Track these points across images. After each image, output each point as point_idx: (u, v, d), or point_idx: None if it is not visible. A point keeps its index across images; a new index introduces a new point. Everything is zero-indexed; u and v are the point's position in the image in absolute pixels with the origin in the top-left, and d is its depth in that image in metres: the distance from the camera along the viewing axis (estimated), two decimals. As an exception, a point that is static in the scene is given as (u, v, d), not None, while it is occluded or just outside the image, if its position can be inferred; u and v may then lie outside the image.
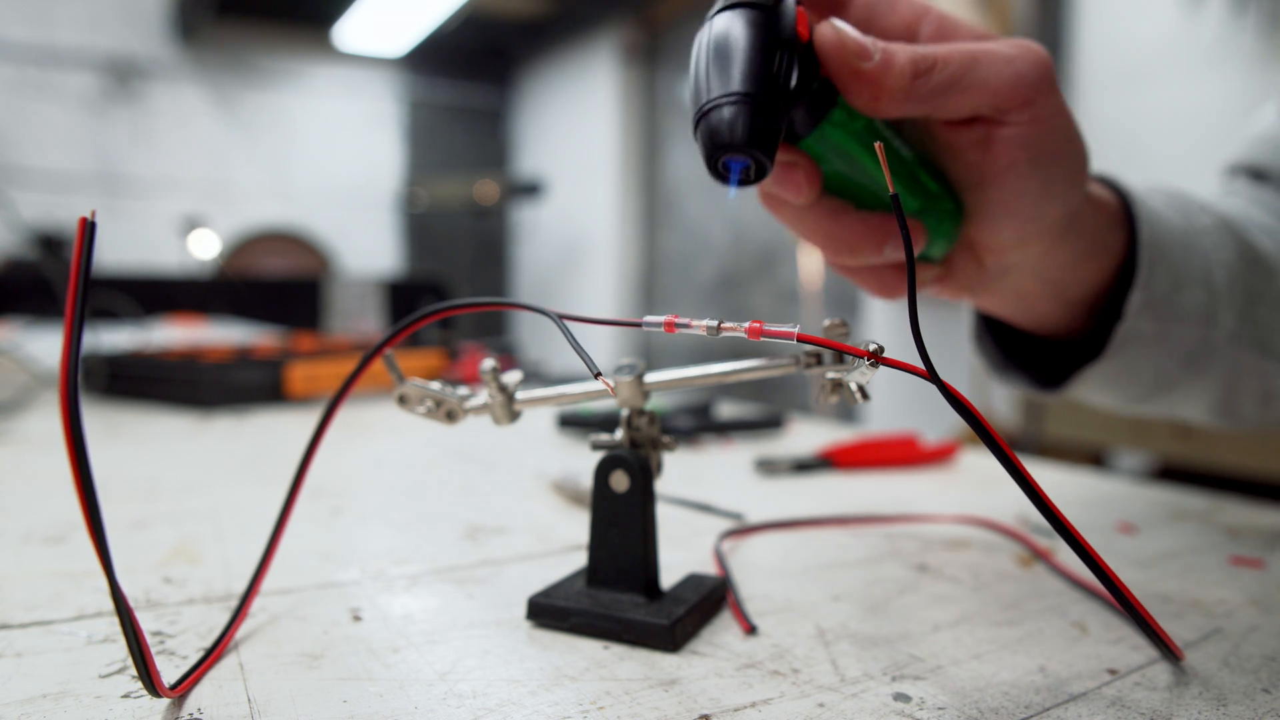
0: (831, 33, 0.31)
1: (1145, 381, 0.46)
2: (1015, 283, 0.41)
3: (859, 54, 0.31)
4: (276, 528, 0.33)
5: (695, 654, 0.30)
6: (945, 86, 0.32)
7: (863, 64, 0.31)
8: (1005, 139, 0.34)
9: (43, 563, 0.39)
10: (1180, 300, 0.43)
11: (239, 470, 0.61)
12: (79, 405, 0.20)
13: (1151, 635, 0.27)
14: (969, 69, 0.32)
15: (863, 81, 0.31)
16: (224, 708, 0.25)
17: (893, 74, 0.31)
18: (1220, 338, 0.45)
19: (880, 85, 0.31)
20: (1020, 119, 0.34)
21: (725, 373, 0.32)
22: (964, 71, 0.32)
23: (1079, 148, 0.36)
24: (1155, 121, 2.19)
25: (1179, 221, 0.44)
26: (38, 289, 1.77)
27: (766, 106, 0.28)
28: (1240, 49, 2.01)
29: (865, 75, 0.31)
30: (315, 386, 0.96)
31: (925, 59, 0.32)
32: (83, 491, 0.21)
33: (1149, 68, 2.20)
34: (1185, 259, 0.43)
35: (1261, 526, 0.48)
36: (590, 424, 0.74)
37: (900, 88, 0.31)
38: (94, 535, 0.21)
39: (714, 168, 0.29)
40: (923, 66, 0.32)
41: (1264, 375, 0.48)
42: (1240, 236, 0.46)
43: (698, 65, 0.29)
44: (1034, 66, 0.33)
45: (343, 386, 0.32)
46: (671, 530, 0.45)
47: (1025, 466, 0.24)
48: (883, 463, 0.63)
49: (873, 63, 0.31)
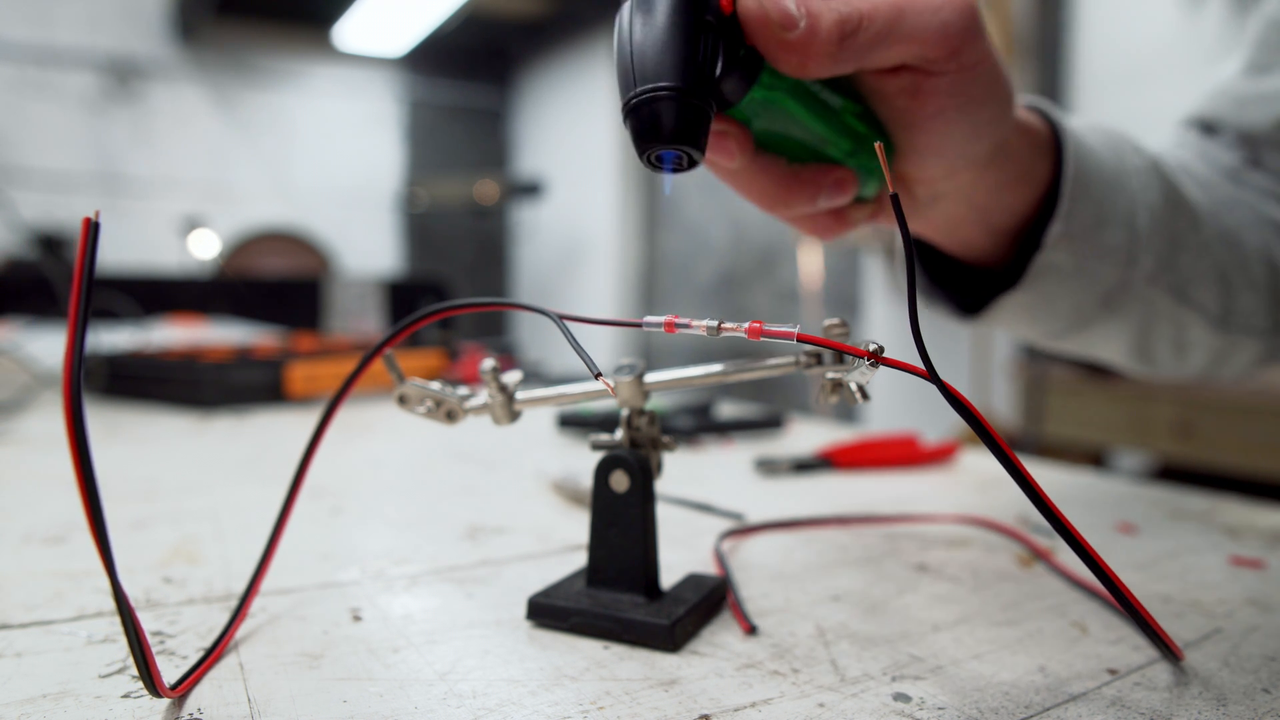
0: (754, 4, 0.30)
1: (1062, 316, 0.46)
2: (944, 209, 0.41)
3: (783, 24, 0.30)
4: (276, 528, 0.33)
5: (695, 654, 0.30)
6: (872, 43, 0.32)
7: (788, 34, 0.30)
8: (933, 87, 0.34)
9: (43, 563, 0.39)
10: (1101, 237, 0.43)
11: (239, 470, 0.61)
12: (82, 405, 0.20)
13: (1151, 635, 0.27)
14: (895, 22, 0.32)
15: (789, 50, 0.31)
16: (224, 708, 0.25)
17: (819, 39, 0.31)
18: (1138, 279, 0.45)
19: (807, 51, 0.31)
20: (947, 68, 0.34)
21: (725, 373, 0.32)
22: (891, 26, 0.32)
23: (1005, 89, 0.36)
24: (1155, 121, 2.19)
25: (1110, 159, 0.44)
26: (38, 289, 1.77)
27: (695, 98, 0.28)
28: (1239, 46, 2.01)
29: (791, 44, 0.30)
30: (315, 386, 0.96)
31: (850, 19, 0.31)
32: (85, 492, 0.21)
33: (1149, 68, 2.20)
34: (1110, 196, 0.43)
35: (1261, 526, 0.48)
36: (590, 424, 0.74)
37: (828, 52, 0.31)
38: (96, 535, 0.21)
39: (646, 160, 0.29)
40: (849, 27, 0.31)
41: (1179, 323, 0.48)
42: (1169, 181, 0.46)
43: (622, 51, 0.29)
44: (960, 14, 0.33)
45: (343, 386, 0.32)
46: (671, 530, 0.45)
47: (1025, 466, 0.24)
48: (883, 463, 0.63)
49: (798, 31, 0.30)
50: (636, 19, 0.28)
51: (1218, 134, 0.54)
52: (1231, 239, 0.49)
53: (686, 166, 0.29)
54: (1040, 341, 0.50)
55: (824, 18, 0.31)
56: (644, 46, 0.28)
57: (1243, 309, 0.49)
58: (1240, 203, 0.51)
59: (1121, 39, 2.28)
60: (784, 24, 0.30)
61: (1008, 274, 0.45)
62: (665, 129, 0.27)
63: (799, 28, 0.30)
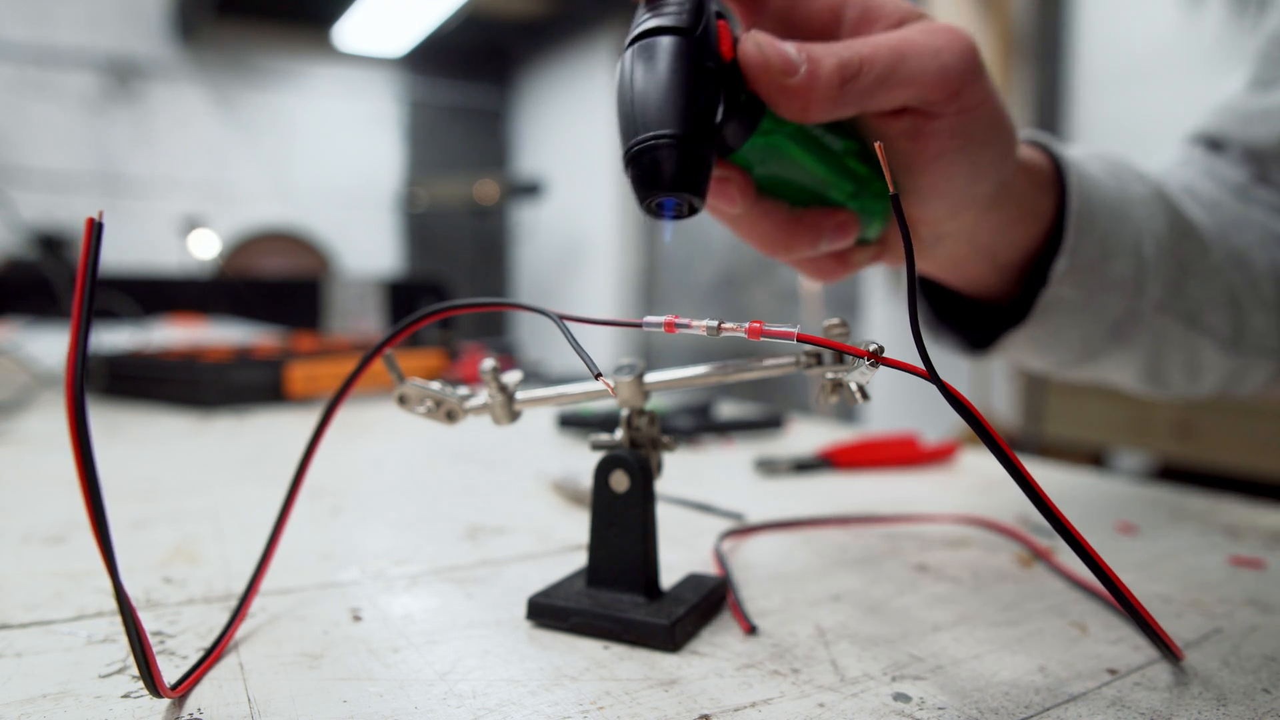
0: (755, 50, 0.30)
1: (1072, 347, 0.46)
2: (948, 249, 0.41)
3: (784, 70, 0.30)
4: (276, 528, 0.33)
5: (695, 654, 0.30)
6: (873, 88, 0.32)
7: (789, 80, 0.30)
8: (934, 130, 0.34)
9: (43, 563, 0.39)
10: (1108, 269, 0.43)
11: (239, 470, 0.61)
12: (85, 406, 0.20)
13: (1151, 635, 0.27)
14: (896, 66, 0.32)
15: (791, 96, 0.31)
16: (224, 708, 0.25)
17: (820, 85, 0.31)
18: (1147, 308, 0.45)
19: (808, 97, 0.31)
20: (948, 110, 0.33)
21: (725, 373, 0.32)
22: (891, 70, 0.32)
23: (1007, 130, 0.36)
24: (1155, 121, 2.19)
25: (1113, 189, 0.44)
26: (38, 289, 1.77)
27: (696, 145, 0.27)
28: (1240, 49, 2.01)
29: (793, 90, 0.30)
30: (315, 386, 0.96)
31: (851, 64, 0.31)
32: (88, 492, 0.21)
33: (1149, 68, 2.20)
34: (1115, 227, 0.43)
35: (1261, 526, 0.48)
36: (590, 424, 0.74)
37: (829, 97, 0.31)
38: (98, 535, 0.21)
39: (646, 207, 0.28)
40: (849, 72, 0.31)
41: (1190, 348, 0.48)
42: (1174, 207, 0.46)
43: (623, 98, 0.28)
44: (960, 57, 0.33)
45: (342, 386, 0.32)
46: (671, 530, 0.45)
47: (1025, 466, 0.24)
48: (883, 463, 0.63)
49: (799, 77, 0.30)
50: (637, 66, 0.28)
51: (1224, 150, 0.54)
52: (1241, 259, 0.48)
53: (688, 213, 0.29)
54: (1050, 372, 0.50)
55: (824, 63, 0.31)
56: (645, 94, 0.28)
57: (1255, 330, 0.49)
58: (1249, 221, 0.50)
59: (1121, 39, 2.28)
60: (785, 70, 0.30)
61: (1015, 308, 0.45)
62: (666, 176, 0.27)
63: (799, 73, 0.30)
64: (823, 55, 0.31)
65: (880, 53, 0.32)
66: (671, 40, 0.28)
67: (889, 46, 0.32)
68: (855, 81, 0.31)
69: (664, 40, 0.28)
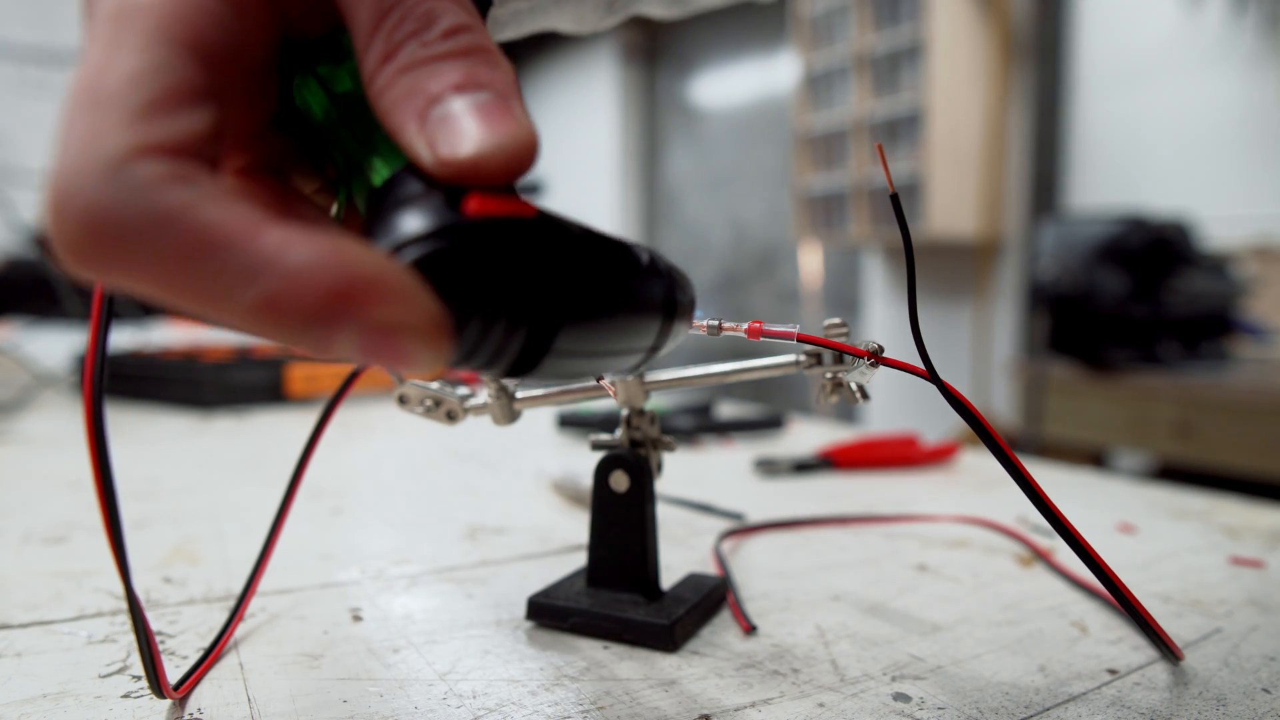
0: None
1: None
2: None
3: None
4: (274, 527, 0.33)
5: (695, 654, 0.30)
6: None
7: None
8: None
9: (43, 563, 0.39)
10: None
11: (239, 470, 0.61)
12: (103, 408, 0.20)
13: (1151, 635, 0.27)
14: None
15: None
16: (224, 708, 0.25)
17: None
18: None
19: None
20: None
21: (725, 373, 0.32)
22: None
23: None
24: (1155, 121, 2.19)
25: None
26: (38, 289, 1.77)
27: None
28: (1240, 49, 2.01)
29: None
30: (315, 386, 0.96)
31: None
32: (103, 497, 0.21)
33: (1149, 68, 2.20)
34: None
35: (1261, 526, 0.48)
36: (590, 424, 0.74)
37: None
38: (112, 539, 0.21)
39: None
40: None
41: None
42: None
43: None
44: None
45: (342, 386, 0.32)
46: (671, 530, 0.45)
47: (1025, 466, 0.24)
48: (883, 463, 0.63)
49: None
50: None
51: None
52: None
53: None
54: (582, 28, 0.38)
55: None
56: None
57: None
58: None
59: (1121, 39, 2.28)
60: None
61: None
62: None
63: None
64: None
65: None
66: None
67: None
68: None
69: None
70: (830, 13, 2.76)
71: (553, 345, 0.17)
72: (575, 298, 0.17)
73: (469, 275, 0.16)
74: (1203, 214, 1.96)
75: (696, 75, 4.16)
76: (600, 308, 0.18)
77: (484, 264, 0.16)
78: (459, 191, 0.17)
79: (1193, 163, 2.13)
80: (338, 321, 0.14)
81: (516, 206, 0.17)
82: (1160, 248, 1.73)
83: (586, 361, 0.19)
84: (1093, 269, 1.75)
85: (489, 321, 0.16)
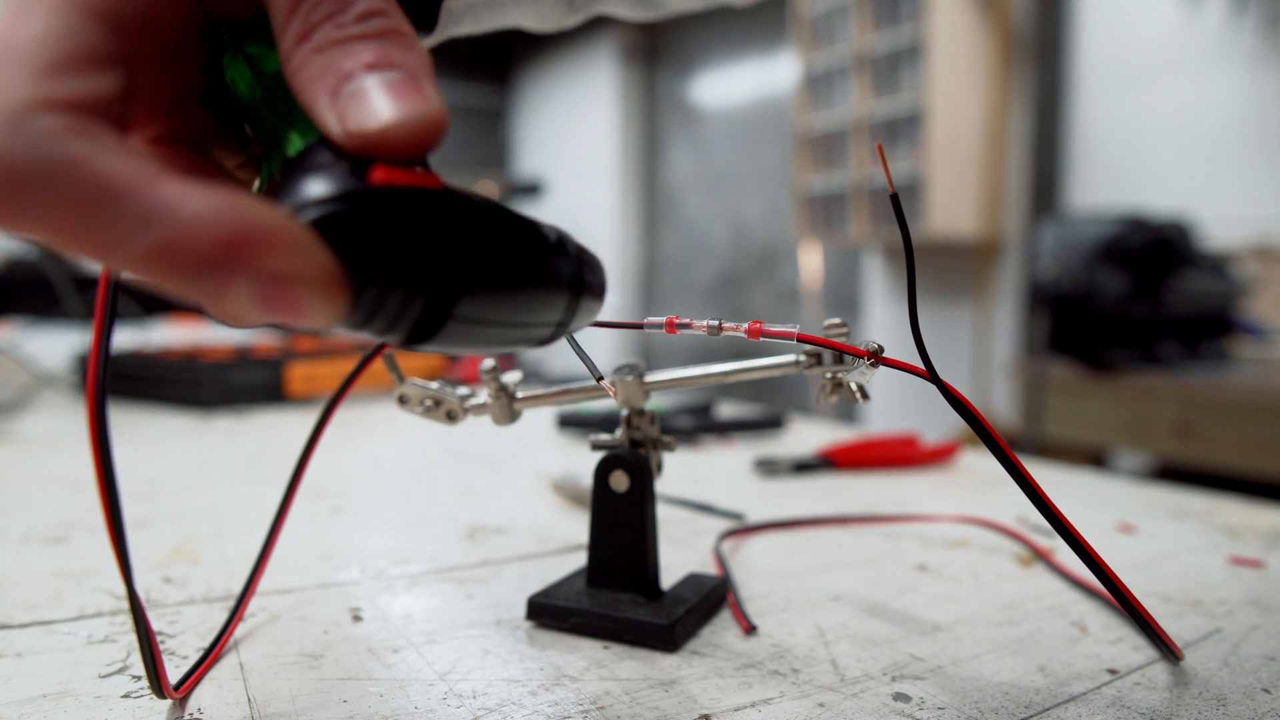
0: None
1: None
2: None
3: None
4: (273, 527, 0.33)
5: (695, 654, 0.30)
6: None
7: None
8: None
9: (43, 563, 0.39)
10: None
11: (239, 470, 0.61)
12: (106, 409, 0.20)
13: (1151, 635, 0.27)
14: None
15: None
16: (224, 708, 0.25)
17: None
18: None
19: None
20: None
21: (725, 373, 0.32)
22: None
23: None
24: (1155, 121, 2.19)
25: None
26: (38, 289, 1.77)
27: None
28: (1240, 49, 2.01)
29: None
30: (315, 386, 0.96)
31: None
32: (106, 495, 0.21)
33: (1149, 68, 2.20)
34: None
35: (1261, 526, 0.48)
36: (590, 424, 0.74)
37: None
38: (114, 539, 0.21)
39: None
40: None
41: None
42: None
43: None
44: None
45: (342, 386, 0.32)
46: (671, 530, 0.45)
47: (1025, 466, 0.24)
48: (883, 463, 0.63)
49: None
50: None
51: None
52: None
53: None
54: (545, 25, 0.40)
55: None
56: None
57: None
58: None
59: (1121, 39, 2.28)
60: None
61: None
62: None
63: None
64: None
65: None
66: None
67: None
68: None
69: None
70: (830, 13, 2.76)
71: (451, 313, 0.18)
72: (473, 267, 0.18)
73: (367, 239, 0.16)
74: (1203, 214, 1.96)
75: (696, 75, 4.16)
76: (499, 279, 0.19)
77: (383, 230, 0.17)
78: (366, 162, 0.17)
79: (1193, 163, 2.13)
80: (231, 270, 0.15)
81: (422, 179, 0.18)
82: (1160, 248, 1.73)
83: (490, 331, 0.19)
84: (1093, 269, 1.75)
85: (386, 286, 0.17)
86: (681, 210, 4.25)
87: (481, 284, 0.18)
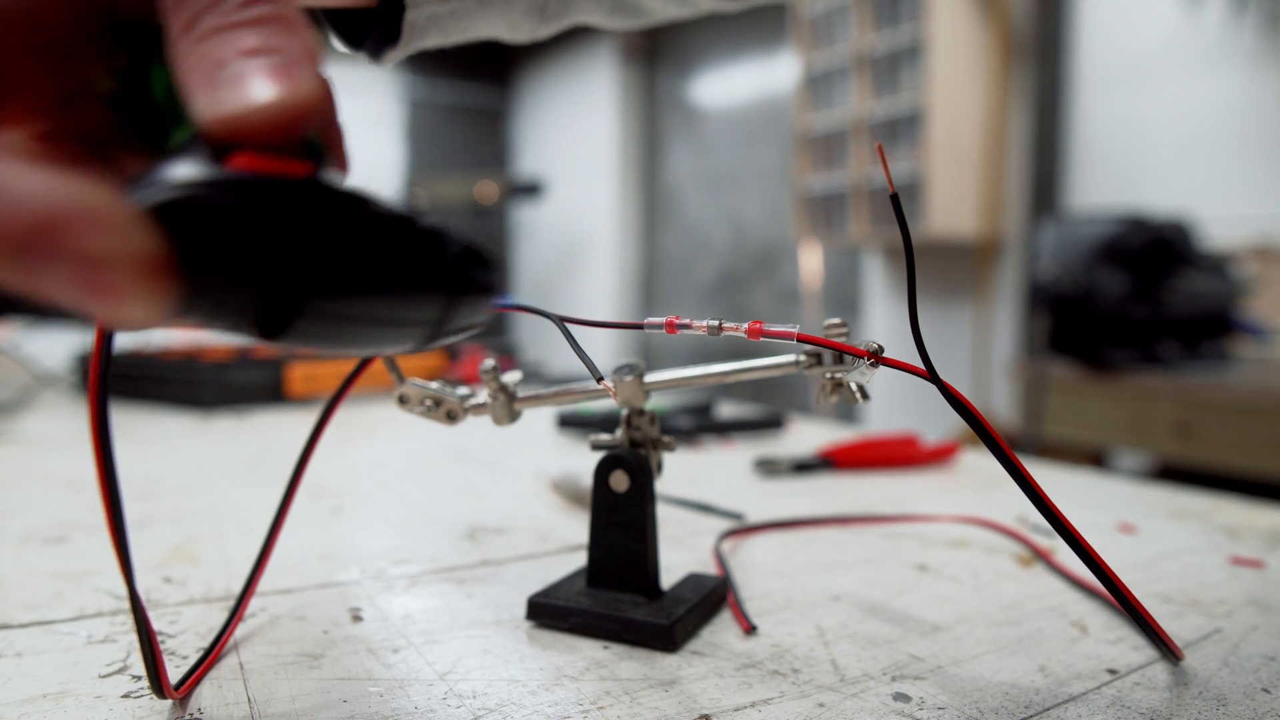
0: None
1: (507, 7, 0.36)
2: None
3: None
4: (274, 527, 0.33)
5: (695, 654, 0.30)
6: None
7: None
8: None
9: (43, 563, 0.39)
10: None
11: (239, 470, 0.61)
12: (108, 409, 0.20)
13: (1151, 635, 0.27)
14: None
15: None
16: (224, 708, 0.25)
17: None
18: None
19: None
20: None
21: (725, 373, 0.32)
22: None
23: None
24: (1155, 121, 2.19)
25: None
26: (38, 289, 1.77)
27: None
28: (1240, 49, 2.01)
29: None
30: (315, 386, 0.96)
31: None
32: (107, 495, 0.21)
33: (1149, 68, 2.20)
34: None
35: (1261, 526, 0.48)
36: (590, 424, 0.74)
37: None
38: (115, 539, 0.21)
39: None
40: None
41: None
42: None
43: None
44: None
45: (342, 386, 0.32)
46: (671, 530, 0.45)
47: (1025, 466, 0.24)
48: (883, 463, 0.63)
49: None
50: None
51: None
52: None
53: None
54: (518, 35, 0.39)
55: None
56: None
57: None
58: None
59: (1121, 39, 2.28)
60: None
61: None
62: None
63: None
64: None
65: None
66: None
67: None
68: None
69: None
70: (830, 13, 2.76)
71: (302, 309, 0.17)
72: (322, 262, 0.17)
73: (210, 229, 0.16)
74: (1203, 214, 1.96)
75: (696, 75, 4.16)
76: (353, 275, 0.17)
77: (223, 219, 0.16)
78: (230, 149, 0.16)
79: (1193, 163, 2.12)
80: (44, 251, 0.14)
81: (287, 166, 0.17)
82: (1160, 248, 1.73)
83: (350, 329, 0.18)
84: (1093, 269, 1.75)
85: (227, 279, 0.16)
86: (681, 210, 4.25)
87: (333, 279, 0.17)
